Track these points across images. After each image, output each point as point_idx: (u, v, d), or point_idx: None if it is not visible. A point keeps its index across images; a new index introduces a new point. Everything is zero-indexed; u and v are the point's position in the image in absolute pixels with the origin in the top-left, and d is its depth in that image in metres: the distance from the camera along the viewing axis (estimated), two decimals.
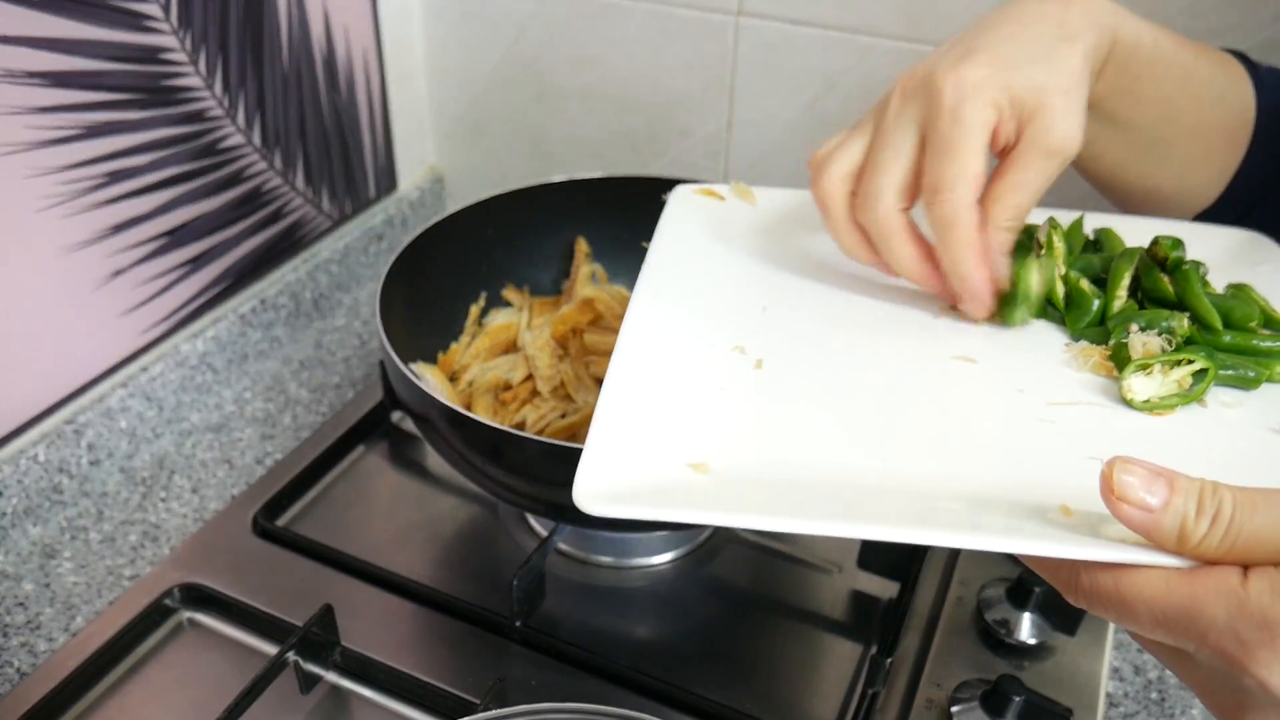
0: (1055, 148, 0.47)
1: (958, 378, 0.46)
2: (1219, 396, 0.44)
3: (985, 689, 0.58)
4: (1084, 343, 0.48)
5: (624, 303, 0.76)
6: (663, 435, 0.41)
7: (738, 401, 0.44)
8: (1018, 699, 0.56)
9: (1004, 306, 0.49)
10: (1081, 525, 0.35)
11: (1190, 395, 0.43)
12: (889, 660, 0.60)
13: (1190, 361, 0.44)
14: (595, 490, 0.36)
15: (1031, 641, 0.62)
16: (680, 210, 0.57)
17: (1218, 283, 0.50)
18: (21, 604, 0.65)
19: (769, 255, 0.55)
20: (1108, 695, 0.62)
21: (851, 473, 0.40)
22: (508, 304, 0.79)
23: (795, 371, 0.46)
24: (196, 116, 0.76)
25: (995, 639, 0.63)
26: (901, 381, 0.45)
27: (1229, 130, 0.58)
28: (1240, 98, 0.57)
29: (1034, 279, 0.49)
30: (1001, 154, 0.49)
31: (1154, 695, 0.62)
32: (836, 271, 0.53)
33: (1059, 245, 0.51)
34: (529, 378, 0.72)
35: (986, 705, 0.57)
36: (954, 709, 0.58)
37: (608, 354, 0.71)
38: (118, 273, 0.74)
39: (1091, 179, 0.61)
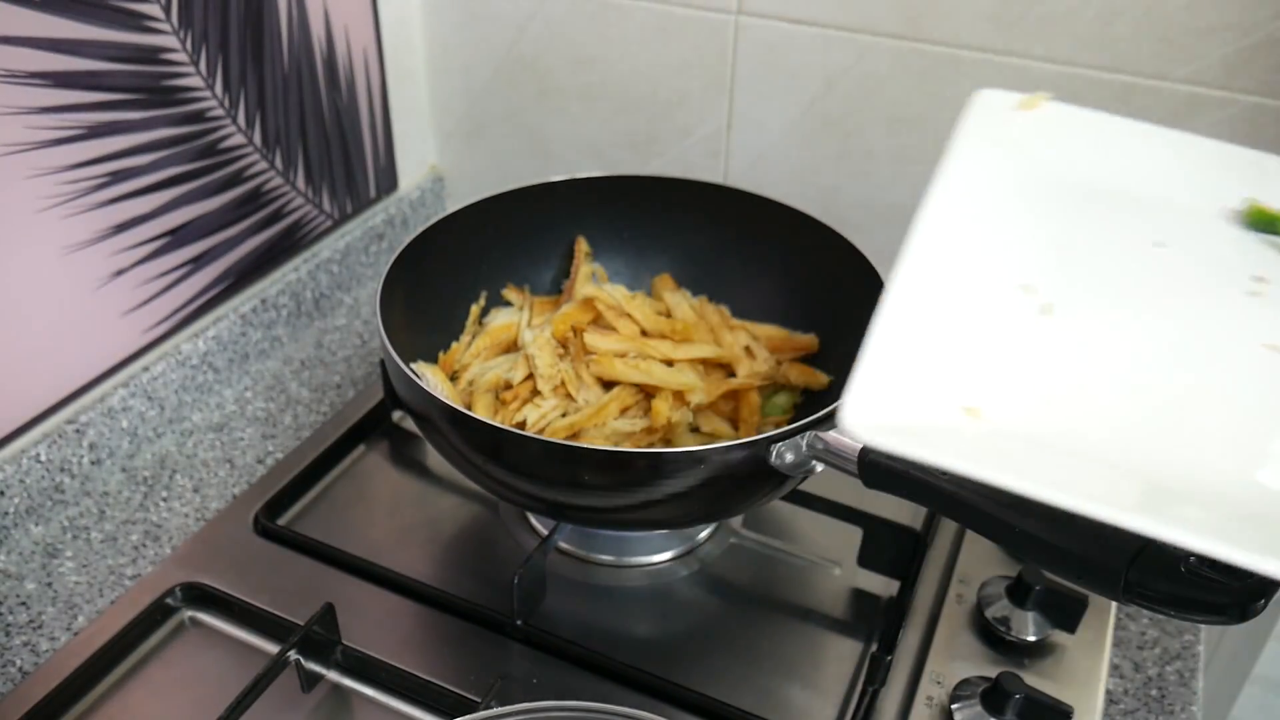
0: None
1: (1268, 371, 0.41)
2: None
3: (986, 686, 0.58)
4: None
5: (625, 301, 0.76)
6: (939, 369, 0.38)
7: (1021, 347, 0.40)
8: (1018, 696, 0.56)
9: None
10: None
11: None
12: (889, 658, 0.61)
13: None
14: (866, 418, 0.34)
15: (1032, 639, 0.62)
16: (980, 123, 0.51)
17: None
18: (24, 603, 0.66)
19: (1072, 188, 0.50)
20: (1108, 692, 0.62)
21: (1134, 455, 0.36)
22: (508, 303, 0.79)
23: (1085, 326, 0.42)
24: (197, 116, 0.76)
25: (996, 636, 0.63)
26: (1202, 364, 0.41)
27: None
28: None
29: None
30: None
31: (1154, 692, 0.62)
32: (1143, 219, 0.49)
33: None
34: (529, 377, 0.72)
35: (987, 703, 0.57)
36: (954, 706, 0.58)
37: (608, 353, 0.72)
38: (119, 272, 0.74)
39: None
